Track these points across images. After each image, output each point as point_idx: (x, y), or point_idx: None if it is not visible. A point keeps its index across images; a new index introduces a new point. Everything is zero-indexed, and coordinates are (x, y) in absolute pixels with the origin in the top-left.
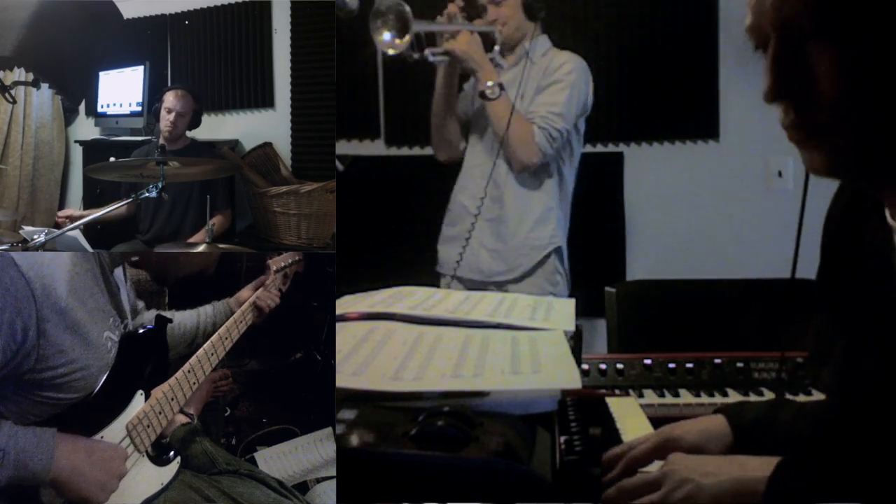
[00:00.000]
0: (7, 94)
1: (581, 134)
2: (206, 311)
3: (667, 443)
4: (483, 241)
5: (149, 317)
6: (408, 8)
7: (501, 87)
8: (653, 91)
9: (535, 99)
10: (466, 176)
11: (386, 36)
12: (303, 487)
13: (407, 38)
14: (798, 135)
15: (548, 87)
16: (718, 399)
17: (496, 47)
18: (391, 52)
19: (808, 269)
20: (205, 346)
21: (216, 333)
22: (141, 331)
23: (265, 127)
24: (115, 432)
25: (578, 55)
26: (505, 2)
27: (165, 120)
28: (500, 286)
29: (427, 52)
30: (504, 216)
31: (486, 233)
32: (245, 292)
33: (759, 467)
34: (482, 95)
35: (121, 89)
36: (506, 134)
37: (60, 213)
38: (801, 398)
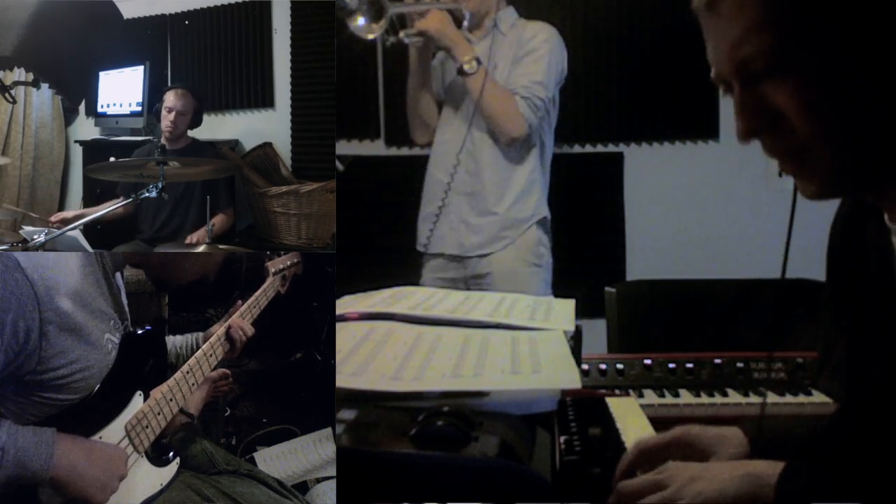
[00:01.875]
0: (7, 94)
1: (557, 103)
2: (174, 342)
3: (682, 439)
4: (462, 215)
5: None
6: None
7: (479, 60)
8: (653, 91)
9: (513, 70)
10: (440, 150)
11: (361, 21)
12: (303, 487)
13: (383, 21)
14: (789, 165)
15: (524, 57)
16: (718, 399)
17: (464, 23)
18: (370, 36)
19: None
20: (203, 346)
21: (214, 334)
22: (140, 331)
23: (265, 127)
24: (113, 433)
25: (549, 24)
26: None
27: (166, 119)
28: (484, 258)
29: (402, 34)
30: (482, 190)
31: (465, 207)
32: (216, 327)
33: (766, 467)
34: (461, 72)
35: (121, 89)
36: (488, 106)
37: (53, 218)
38: (801, 398)
